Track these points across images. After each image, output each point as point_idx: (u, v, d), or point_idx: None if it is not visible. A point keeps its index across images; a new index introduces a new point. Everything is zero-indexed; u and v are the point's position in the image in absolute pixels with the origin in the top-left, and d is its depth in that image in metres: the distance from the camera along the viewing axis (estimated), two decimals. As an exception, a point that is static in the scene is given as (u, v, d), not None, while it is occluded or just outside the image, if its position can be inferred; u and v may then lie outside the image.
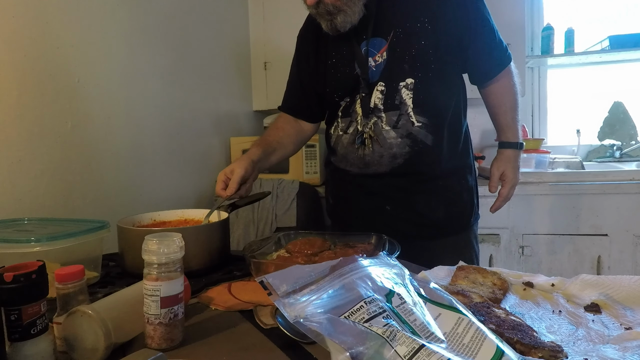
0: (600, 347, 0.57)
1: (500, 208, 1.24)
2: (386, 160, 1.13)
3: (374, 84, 1.13)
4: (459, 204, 1.21)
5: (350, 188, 1.24)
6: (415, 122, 1.11)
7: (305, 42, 1.28)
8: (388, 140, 1.12)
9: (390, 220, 1.18)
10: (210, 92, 2.14)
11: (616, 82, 2.45)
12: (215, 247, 0.99)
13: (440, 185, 1.18)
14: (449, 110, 1.16)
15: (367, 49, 1.12)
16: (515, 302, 0.73)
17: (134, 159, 1.63)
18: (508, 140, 1.23)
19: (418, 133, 1.12)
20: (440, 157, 1.15)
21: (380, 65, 1.12)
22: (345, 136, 1.18)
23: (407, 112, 1.11)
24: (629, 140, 2.42)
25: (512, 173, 1.22)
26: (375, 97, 1.13)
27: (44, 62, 1.27)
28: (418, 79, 1.10)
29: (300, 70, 1.30)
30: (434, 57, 1.09)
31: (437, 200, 1.17)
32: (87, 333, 0.59)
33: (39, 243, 0.78)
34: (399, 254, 0.86)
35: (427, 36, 1.09)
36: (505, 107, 1.22)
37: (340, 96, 1.19)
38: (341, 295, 0.55)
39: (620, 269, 1.87)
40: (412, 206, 1.17)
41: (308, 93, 1.28)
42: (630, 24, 2.39)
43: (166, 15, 1.81)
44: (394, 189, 1.17)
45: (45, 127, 1.28)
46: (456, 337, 0.52)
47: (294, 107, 1.33)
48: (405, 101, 1.11)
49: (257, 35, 2.48)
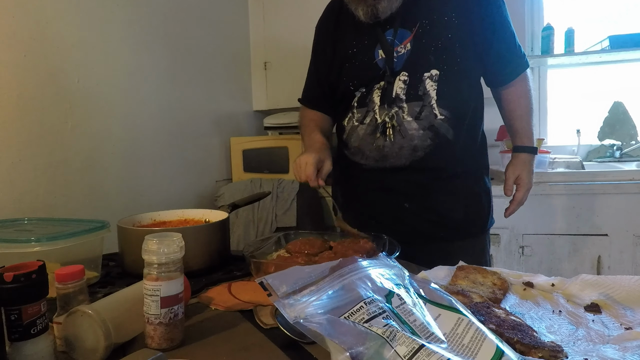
0: (600, 347, 0.57)
1: (514, 212, 1.24)
2: (406, 152, 1.10)
3: (397, 73, 1.11)
4: (477, 206, 1.20)
5: (365, 185, 1.20)
6: (439, 114, 1.09)
7: (324, 33, 1.27)
8: (410, 132, 1.09)
9: (409, 219, 1.15)
10: (210, 92, 2.14)
11: (616, 82, 2.45)
12: (215, 247, 0.99)
13: (459, 185, 1.16)
14: (470, 107, 1.15)
15: (392, 39, 1.11)
16: (515, 302, 0.73)
17: (134, 159, 1.63)
18: (523, 144, 1.23)
19: (440, 126, 1.09)
20: (460, 154, 1.14)
21: (402, 56, 1.11)
22: (362, 127, 1.15)
23: (431, 103, 1.09)
24: (629, 140, 2.42)
25: (527, 177, 1.21)
26: (398, 86, 1.10)
27: (44, 62, 1.27)
28: (443, 71, 1.09)
29: (317, 62, 1.29)
30: (459, 52, 1.09)
31: (456, 200, 1.15)
32: (87, 333, 0.59)
33: (39, 243, 0.78)
34: (407, 258, 0.85)
35: (454, 30, 1.08)
36: (521, 112, 1.22)
37: (355, 86, 1.16)
38: (341, 296, 0.55)
39: (620, 269, 1.87)
40: (432, 205, 1.14)
41: (324, 85, 1.27)
42: (630, 24, 2.39)
43: (166, 15, 1.81)
44: (413, 186, 1.13)
45: (45, 127, 1.28)
46: (456, 337, 0.52)
47: (312, 99, 1.32)
48: (429, 92, 1.09)
49: (257, 35, 2.48)
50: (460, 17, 1.09)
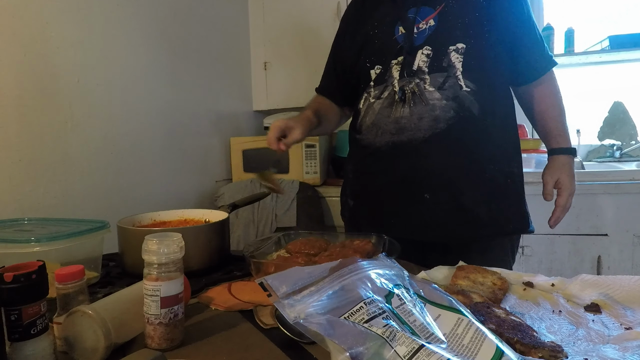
0: (600, 347, 0.57)
1: (560, 220, 1.14)
2: (426, 123, 1.03)
3: (418, 47, 1.07)
4: (506, 202, 1.09)
5: (379, 178, 1.11)
6: (464, 86, 1.03)
7: (345, 22, 1.26)
8: (431, 101, 1.03)
9: (430, 213, 1.05)
10: (210, 92, 2.14)
11: (616, 82, 2.45)
12: (215, 247, 0.99)
13: (487, 177, 1.05)
14: (498, 85, 1.09)
15: (414, 16, 1.08)
16: (515, 302, 0.73)
17: (134, 159, 1.63)
18: (560, 146, 1.15)
19: (465, 98, 1.03)
20: (487, 133, 1.05)
21: (425, 31, 1.07)
22: (378, 102, 1.10)
23: (456, 74, 1.03)
24: (629, 140, 2.42)
25: (568, 180, 1.12)
26: (420, 59, 1.06)
27: (44, 62, 1.27)
28: (470, 45, 1.04)
29: (335, 50, 1.29)
30: (487, 28, 1.05)
31: (482, 192, 1.05)
32: (87, 333, 0.59)
33: (39, 243, 0.78)
34: (400, 255, 0.85)
35: (482, 10, 1.05)
36: (555, 112, 1.17)
37: (372, 62, 1.12)
38: (341, 296, 0.55)
39: (620, 269, 1.87)
40: (455, 195, 1.04)
41: (339, 74, 1.27)
42: (630, 24, 2.39)
43: (166, 15, 1.81)
44: (434, 173, 1.04)
45: (45, 127, 1.28)
46: (456, 337, 0.52)
47: (329, 89, 1.32)
48: (454, 64, 1.04)
49: (257, 35, 2.48)
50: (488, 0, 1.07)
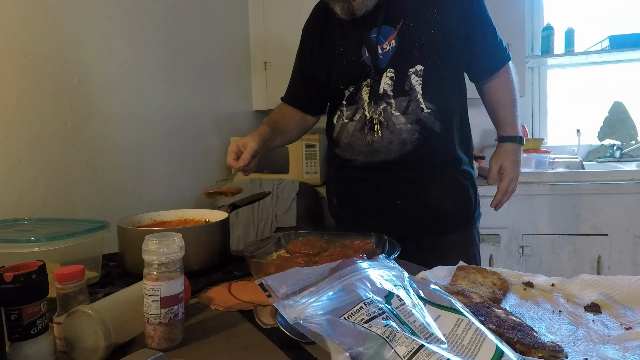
0: (600, 347, 0.57)
1: (501, 202, 1.23)
2: (395, 146, 1.13)
3: (383, 70, 1.14)
4: (465, 198, 1.21)
5: (358, 184, 1.22)
6: (425, 108, 1.12)
7: (310, 34, 1.29)
8: (397, 126, 1.13)
9: (401, 216, 1.17)
10: (210, 92, 2.14)
11: (616, 82, 2.45)
12: (215, 247, 0.99)
13: (448, 178, 1.18)
14: (455, 100, 1.19)
15: (376, 37, 1.14)
16: (515, 302, 0.73)
17: (134, 159, 1.63)
18: (507, 134, 1.23)
19: (427, 119, 1.13)
20: (447, 146, 1.17)
21: (387, 52, 1.14)
22: (351, 123, 1.18)
23: (417, 98, 1.12)
24: (629, 140, 2.42)
25: (510, 166, 1.21)
26: (385, 83, 1.14)
27: (44, 62, 1.27)
28: (427, 66, 1.12)
29: (303, 63, 1.31)
30: (442, 46, 1.12)
31: (445, 193, 1.17)
32: (87, 333, 0.59)
33: (39, 243, 0.78)
34: (400, 254, 0.86)
35: (437, 26, 1.12)
36: (505, 102, 1.23)
37: (345, 84, 1.19)
38: (341, 297, 0.55)
39: (620, 269, 1.87)
40: (423, 199, 1.17)
41: (309, 85, 1.30)
42: (630, 24, 2.39)
43: (166, 15, 1.81)
44: (405, 182, 1.16)
45: (45, 127, 1.28)
46: (456, 338, 0.52)
47: (295, 98, 1.34)
48: (414, 87, 1.12)
49: (257, 35, 2.48)
50: (442, 12, 1.12)
